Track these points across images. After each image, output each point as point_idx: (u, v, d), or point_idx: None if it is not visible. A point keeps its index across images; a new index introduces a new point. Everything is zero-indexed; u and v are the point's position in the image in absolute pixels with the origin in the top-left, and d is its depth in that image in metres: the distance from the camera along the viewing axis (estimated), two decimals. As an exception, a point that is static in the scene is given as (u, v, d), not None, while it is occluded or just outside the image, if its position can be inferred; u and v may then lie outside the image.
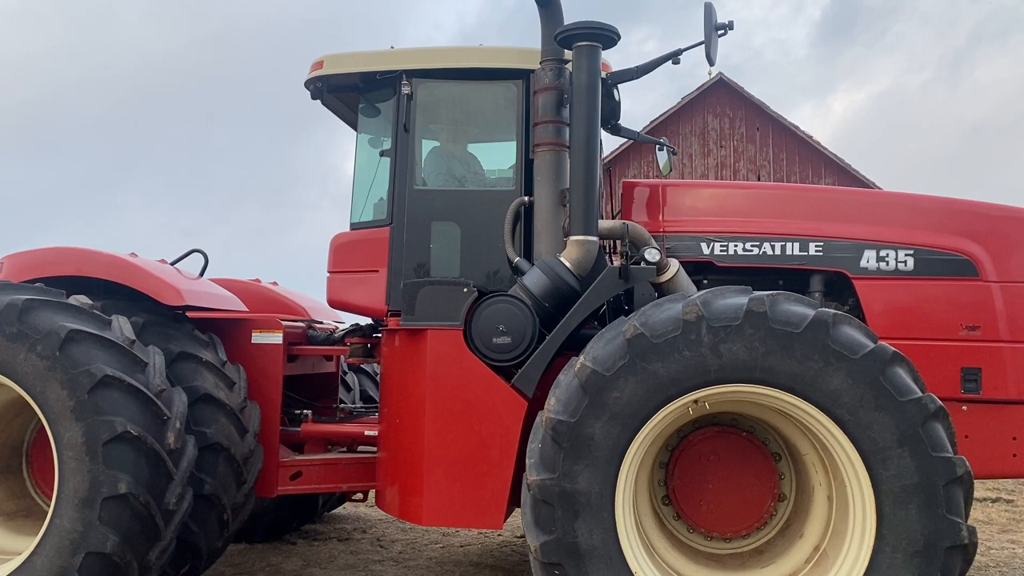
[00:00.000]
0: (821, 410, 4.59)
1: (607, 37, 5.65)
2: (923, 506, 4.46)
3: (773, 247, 6.09)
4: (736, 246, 6.13)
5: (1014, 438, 5.77)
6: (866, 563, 4.55)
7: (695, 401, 4.71)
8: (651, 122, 28.78)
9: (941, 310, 5.86)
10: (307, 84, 6.50)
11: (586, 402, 4.63)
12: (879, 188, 26.97)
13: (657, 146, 7.75)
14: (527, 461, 4.77)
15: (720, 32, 5.75)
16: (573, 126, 5.62)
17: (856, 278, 5.95)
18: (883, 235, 6.00)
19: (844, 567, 4.66)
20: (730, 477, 5.34)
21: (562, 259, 5.60)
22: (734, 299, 4.72)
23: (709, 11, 5.63)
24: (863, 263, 5.96)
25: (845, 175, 28.67)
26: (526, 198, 5.94)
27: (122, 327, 5.39)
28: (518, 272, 5.78)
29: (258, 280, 7.74)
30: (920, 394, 4.56)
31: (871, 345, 4.59)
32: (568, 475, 4.61)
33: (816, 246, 6.05)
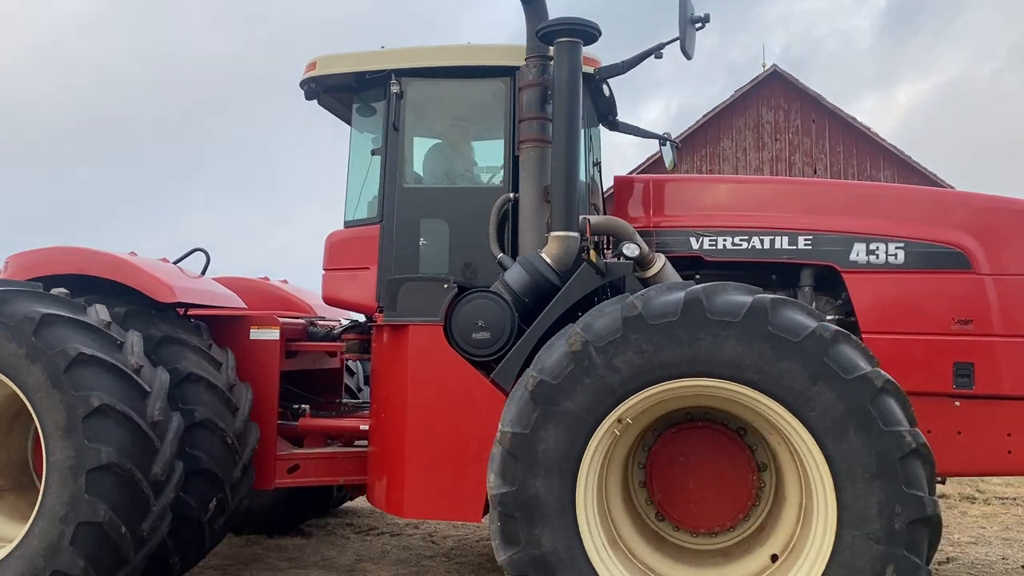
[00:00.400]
0: (731, 380, 4.59)
1: (588, 33, 5.66)
2: (859, 428, 4.43)
3: (762, 241, 6.04)
4: (725, 240, 6.10)
5: (1009, 434, 5.64)
6: (835, 502, 4.50)
7: (618, 420, 4.73)
8: (703, 116, 28.47)
9: (932, 304, 5.75)
10: (301, 85, 6.63)
11: (520, 466, 4.68)
12: (943, 181, 26.36)
13: (660, 141, 7.68)
14: (492, 543, 4.81)
15: (697, 25, 5.71)
16: (554, 122, 5.63)
17: (845, 272, 5.87)
18: (873, 228, 5.91)
19: (821, 514, 4.59)
20: (707, 468, 5.30)
21: (543, 255, 5.63)
22: (610, 314, 4.76)
23: (684, 3, 5.60)
24: (852, 256, 5.88)
25: (905, 167, 28.04)
26: (511, 194, 5.98)
27: (98, 312, 5.59)
28: (502, 268, 5.83)
29: (266, 278, 7.93)
30: (813, 325, 4.53)
31: (749, 301, 4.58)
32: (531, 542, 4.64)
33: (805, 240, 5.98)
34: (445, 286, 5.74)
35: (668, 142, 7.73)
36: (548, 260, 5.61)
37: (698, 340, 4.57)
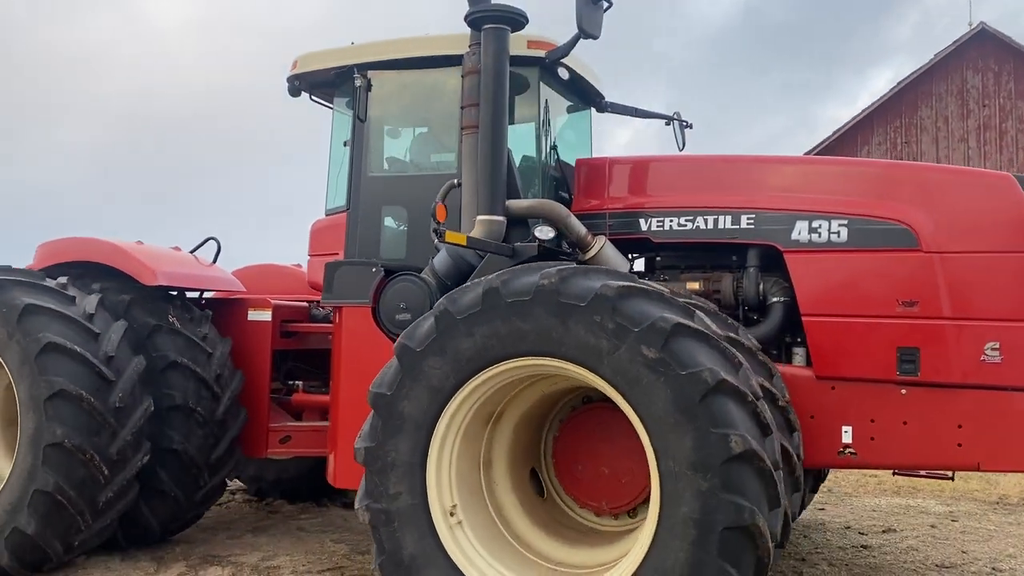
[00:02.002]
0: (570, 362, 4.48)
1: (514, 20, 5.74)
2: (666, 380, 4.19)
3: (706, 221, 5.89)
4: (672, 221, 5.99)
5: (959, 426, 5.21)
6: (652, 448, 4.30)
7: (451, 514, 4.79)
8: (897, 84, 26.60)
9: (875, 284, 5.42)
10: (287, 82, 7.07)
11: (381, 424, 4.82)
12: None
13: (666, 122, 7.52)
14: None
15: (604, 5, 5.57)
16: (480, 107, 5.73)
17: (787, 251, 5.63)
18: (816, 205, 5.63)
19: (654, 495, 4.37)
20: (603, 448, 5.29)
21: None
22: (423, 324, 4.77)
23: None
24: (794, 235, 5.63)
25: None
26: (456, 180, 6.13)
27: (85, 304, 6.30)
28: (436, 252, 6.01)
29: (299, 265, 8.49)
30: (653, 317, 4.26)
31: (596, 288, 4.39)
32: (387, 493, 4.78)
33: (748, 219, 5.78)
34: (373, 269, 6.01)
35: (676, 122, 7.56)
36: None
37: (543, 321, 4.48)
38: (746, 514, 4.07)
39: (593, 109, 7.37)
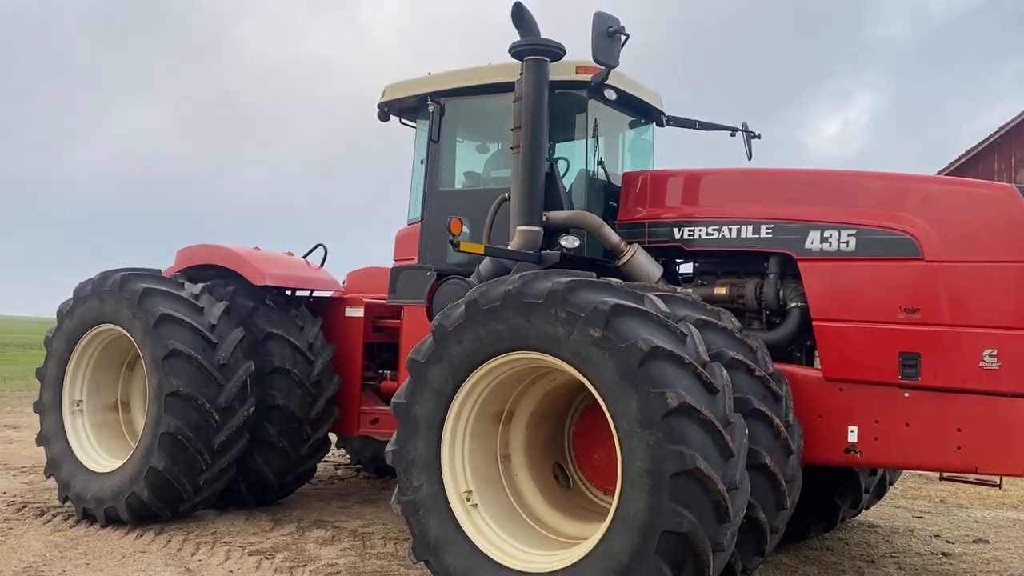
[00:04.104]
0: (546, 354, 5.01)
1: (552, 52, 6.38)
2: (611, 354, 4.67)
3: (730, 230, 6.32)
4: (701, 230, 6.45)
5: (959, 429, 5.42)
6: (609, 413, 4.73)
7: (468, 500, 5.38)
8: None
9: (879, 292, 5.69)
10: (377, 107, 7.98)
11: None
12: None
13: (731, 133, 7.90)
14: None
15: (622, 39, 6.01)
16: (522, 129, 6.40)
17: (801, 259, 5.99)
18: (828, 215, 5.95)
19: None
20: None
21: (509, 247, 6.45)
22: (426, 340, 5.45)
23: (599, 19, 5.97)
24: (808, 244, 5.97)
25: None
26: (506, 194, 6.81)
27: (211, 311, 7.46)
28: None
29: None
30: (596, 302, 4.76)
31: (549, 286, 4.92)
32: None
33: (767, 228, 6.16)
34: (428, 273, 6.78)
35: (744, 132, 7.93)
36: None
37: (505, 321, 5.08)
38: (688, 460, 4.41)
39: (654, 124, 7.86)
